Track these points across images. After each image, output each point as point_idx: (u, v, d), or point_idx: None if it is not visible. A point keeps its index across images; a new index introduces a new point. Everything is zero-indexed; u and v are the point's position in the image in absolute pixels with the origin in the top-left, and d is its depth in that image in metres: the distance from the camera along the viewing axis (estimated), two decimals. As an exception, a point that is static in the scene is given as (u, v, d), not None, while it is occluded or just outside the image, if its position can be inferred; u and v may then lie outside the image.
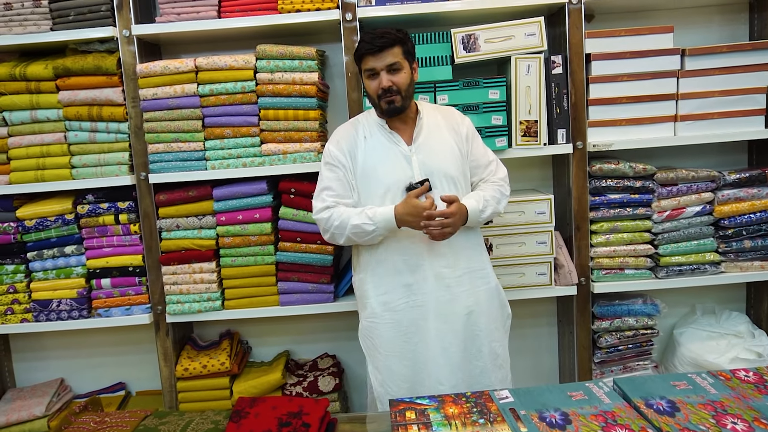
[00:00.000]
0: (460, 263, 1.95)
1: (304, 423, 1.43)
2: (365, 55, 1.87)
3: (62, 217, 2.40)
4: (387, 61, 1.85)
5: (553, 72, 2.32)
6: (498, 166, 2.04)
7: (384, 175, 1.90)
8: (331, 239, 1.96)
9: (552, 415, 1.33)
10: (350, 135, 1.98)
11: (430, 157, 1.92)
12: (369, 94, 1.92)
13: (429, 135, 1.96)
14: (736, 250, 2.43)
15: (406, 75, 1.89)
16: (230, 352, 2.52)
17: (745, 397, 1.35)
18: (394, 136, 1.94)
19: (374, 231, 1.87)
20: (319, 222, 1.96)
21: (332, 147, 1.97)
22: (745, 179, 2.41)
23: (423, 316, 1.93)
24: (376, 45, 1.85)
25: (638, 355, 2.52)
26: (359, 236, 1.89)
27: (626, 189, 2.40)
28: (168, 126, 2.32)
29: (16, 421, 2.47)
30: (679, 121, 2.37)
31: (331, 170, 1.95)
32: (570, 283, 2.43)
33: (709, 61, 2.34)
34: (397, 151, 1.93)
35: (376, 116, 1.98)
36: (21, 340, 2.77)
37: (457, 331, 1.93)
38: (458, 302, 1.93)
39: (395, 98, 1.87)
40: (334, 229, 1.91)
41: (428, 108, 2.04)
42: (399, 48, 1.88)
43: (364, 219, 1.86)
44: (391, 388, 1.95)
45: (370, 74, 1.89)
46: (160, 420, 1.56)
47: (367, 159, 1.93)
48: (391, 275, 1.93)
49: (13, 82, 2.34)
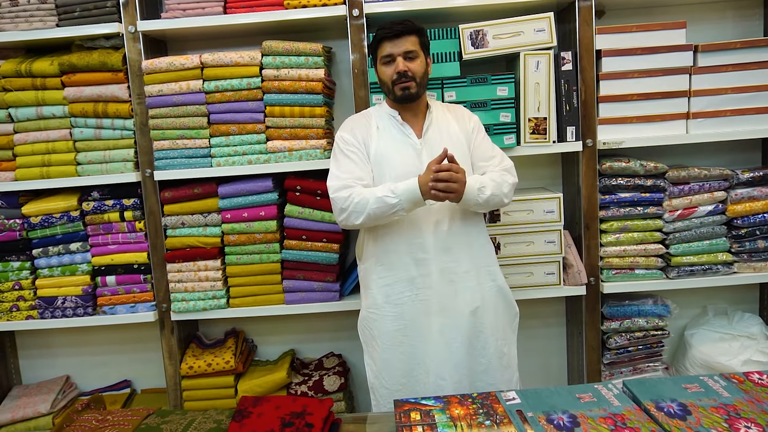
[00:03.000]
0: (466, 259, 1.92)
1: (308, 423, 1.41)
2: (383, 40, 1.90)
3: (67, 213, 2.40)
4: (404, 48, 1.88)
5: (562, 68, 2.29)
6: (502, 158, 2.01)
7: (396, 165, 1.90)
8: (345, 220, 1.87)
9: (560, 418, 1.30)
10: (363, 124, 1.98)
11: (439, 150, 1.87)
12: (383, 81, 1.93)
13: (438, 128, 1.96)
14: (750, 250, 2.39)
15: (422, 63, 1.91)
16: (235, 351, 2.50)
17: (758, 400, 1.32)
18: (405, 128, 1.95)
19: (397, 204, 1.79)
20: (336, 201, 1.88)
21: (346, 134, 1.96)
22: (759, 178, 2.37)
23: (426, 311, 1.91)
24: (396, 30, 1.88)
25: (648, 356, 2.49)
26: (381, 212, 1.81)
27: (637, 187, 2.36)
28: (173, 123, 2.31)
29: (21, 418, 2.47)
30: (692, 118, 2.33)
31: (347, 155, 1.93)
32: (579, 283, 2.39)
33: (722, 58, 2.30)
34: (407, 143, 1.94)
35: (388, 108, 1.99)
36: (27, 337, 2.78)
37: (461, 327, 1.90)
38: (463, 298, 1.91)
39: (410, 84, 1.88)
40: (354, 207, 1.83)
41: (437, 104, 2.07)
42: (416, 37, 1.91)
43: (386, 192, 1.80)
44: (387, 380, 1.93)
45: (386, 60, 1.90)
46: (162, 419, 1.54)
47: (379, 148, 1.93)
48: (395, 267, 1.91)
49: (18, 79, 2.34)
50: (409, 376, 1.92)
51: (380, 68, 1.93)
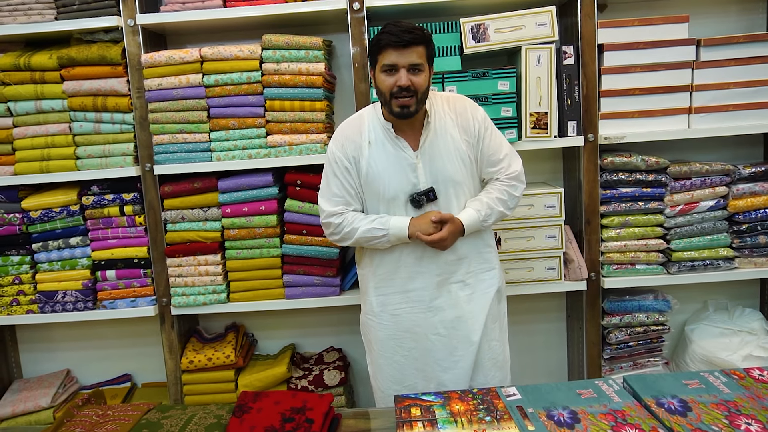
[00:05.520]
0: (466, 268, 1.90)
1: (308, 418, 1.41)
2: (387, 47, 1.71)
3: (67, 208, 2.39)
4: (410, 60, 1.71)
5: (564, 63, 2.27)
6: (512, 160, 1.91)
7: (388, 183, 1.83)
8: (336, 242, 1.92)
9: (560, 413, 1.30)
10: (354, 139, 1.85)
11: (436, 163, 1.83)
12: (381, 90, 1.77)
13: (436, 139, 1.84)
14: (751, 245, 2.38)
15: (426, 78, 1.76)
16: (235, 345, 2.50)
17: (759, 397, 1.32)
18: (400, 141, 1.83)
19: (384, 236, 1.83)
20: (327, 225, 1.90)
21: (336, 150, 1.86)
22: (761, 173, 2.36)
23: (423, 323, 1.89)
24: (404, 39, 1.69)
25: (649, 351, 2.49)
26: (367, 240, 1.85)
27: (638, 183, 2.35)
28: (173, 117, 2.30)
29: (22, 412, 2.48)
30: (694, 113, 2.31)
31: (337, 175, 1.86)
32: (580, 278, 2.39)
33: (725, 52, 2.29)
34: (402, 158, 1.82)
35: (382, 117, 1.84)
36: (27, 331, 2.78)
37: (462, 336, 1.89)
38: (462, 308, 1.89)
39: (410, 101, 1.73)
40: (344, 234, 1.87)
41: (438, 103, 1.88)
42: (424, 48, 1.74)
43: (376, 224, 1.82)
44: (381, 384, 1.95)
45: (388, 69, 1.73)
46: (162, 414, 1.54)
47: (371, 167, 1.83)
48: (392, 278, 1.90)
49: (17, 72, 2.33)
50: (401, 384, 1.91)
51: (379, 75, 1.76)
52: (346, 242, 1.90)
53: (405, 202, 1.84)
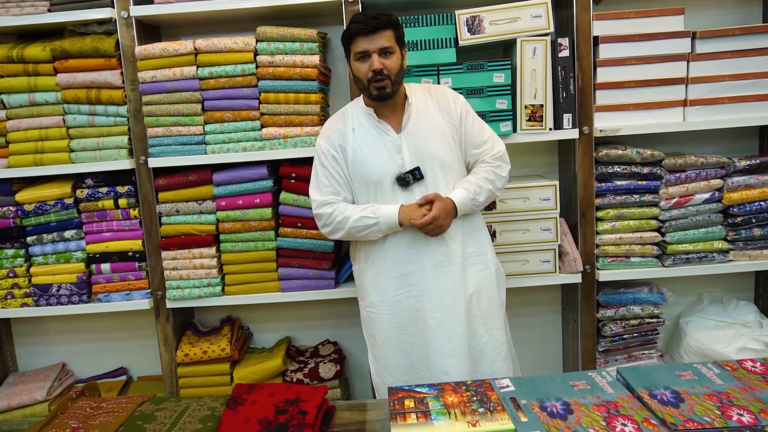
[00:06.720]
0: (459, 250, 1.91)
1: (301, 410, 1.41)
2: (356, 35, 1.81)
3: (61, 201, 2.38)
4: (380, 44, 1.80)
5: (559, 55, 2.27)
6: (494, 142, 1.98)
7: (374, 166, 1.88)
8: (328, 234, 1.95)
9: (553, 405, 1.30)
10: (339, 128, 1.94)
11: (420, 143, 1.88)
12: (358, 78, 1.86)
13: (418, 120, 1.90)
14: (745, 238, 2.38)
15: (398, 60, 1.84)
16: (231, 338, 2.50)
17: (751, 388, 1.32)
18: (383, 125, 1.90)
19: (375, 225, 1.85)
20: (319, 217, 1.94)
21: (322, 142, 1.95)
22: (756, 166, 2.36)
23: (420, 308, 1.90)
24: (370, 25, 1.79)
25: (643, 344, 2.49)
26: (359, 230, 1.88)
27: (633, 175, 2.35)
28: (167, 109, 2.29)
29: (17, 405, 2.47)
30: (689, 105, 2.31)
31: (325, 165, 1.93)
32: (575, 271, 2.39)
33: (720, 44, 2.28)
34: (386, 141, 1.89)
35: (364, 105, 1.93)
36: (22, 324, 2.77)
37: (459, 319, 1.89)
38: (458, 291, 1.90)
39: (386, 83, 1.81)
40: (336, 224, 1.90)
41: (418, 91, 1.97)
42: (392, 32, 1.83)
43: (367, 213, 1.85)
44: (388, 379, 1.94)
45: (360, 56, 1.83)
46: (156, 406, 1.54)
47: (357, 152, 1.89)
48: (389, 266, 1.91)
49: (10, 65, 2.31)
50: (410, 374, 1.92)
51: (354, 64, 1.85)
52: (338, 233, 1.91)
53: (392, 184, 1.87)
